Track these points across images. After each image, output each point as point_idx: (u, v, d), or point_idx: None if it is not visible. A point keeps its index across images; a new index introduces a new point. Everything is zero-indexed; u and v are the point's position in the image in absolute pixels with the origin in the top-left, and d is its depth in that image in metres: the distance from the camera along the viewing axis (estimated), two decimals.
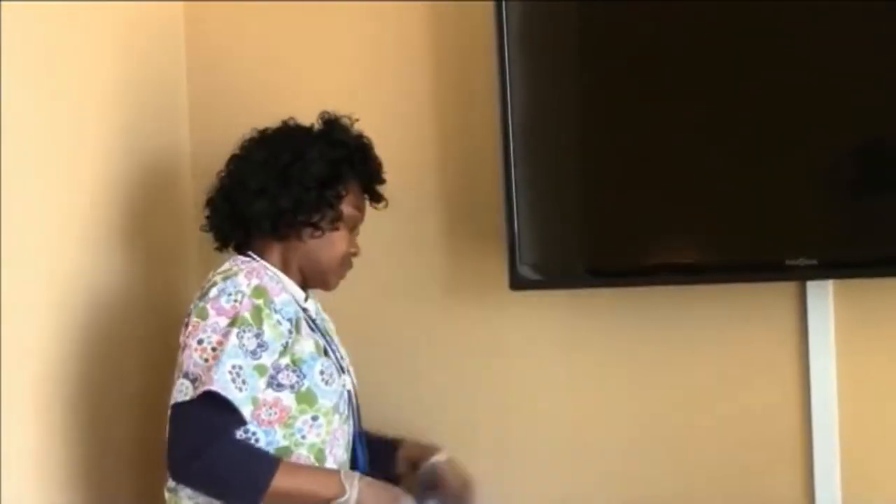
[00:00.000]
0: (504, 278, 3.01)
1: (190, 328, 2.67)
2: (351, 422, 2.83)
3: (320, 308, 2.92)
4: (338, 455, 2.78)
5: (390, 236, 3.07)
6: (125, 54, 3.11)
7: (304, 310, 2.81)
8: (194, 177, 3.27)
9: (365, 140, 2.87)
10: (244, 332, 2.64)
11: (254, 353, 2.64)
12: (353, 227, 2.85)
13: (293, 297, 2.78)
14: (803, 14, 2.79)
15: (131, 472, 3.04)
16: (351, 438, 2.83)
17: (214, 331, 2.64)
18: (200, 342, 2.64)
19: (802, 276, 2.89)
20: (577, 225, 3.01)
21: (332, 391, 2.75)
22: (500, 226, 3.00)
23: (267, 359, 2.66)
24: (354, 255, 2.86)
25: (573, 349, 3.13)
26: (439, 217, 3.18)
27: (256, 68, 3.28)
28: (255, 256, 2.79)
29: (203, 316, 2.67)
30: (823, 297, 2.93)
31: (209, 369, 2.59)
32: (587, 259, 3.03)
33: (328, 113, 2.86)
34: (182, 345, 2.69)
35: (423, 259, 3.19)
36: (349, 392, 2.82)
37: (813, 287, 2.94)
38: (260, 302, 2.68)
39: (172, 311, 3.13)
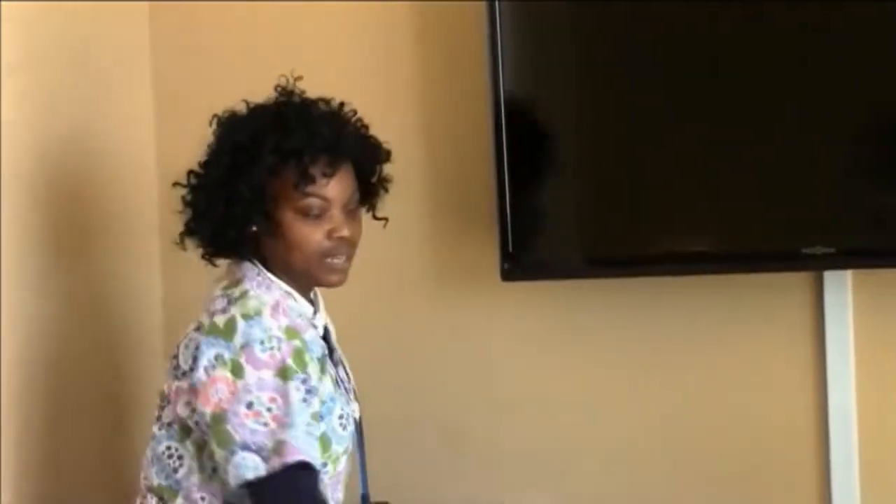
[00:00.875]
0: (495, 269, 2.96)
1: (221, 387, 2.39)
2: (358, 453, 2.62)
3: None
4: (338, 498, 2.57)
5: (376, 226, 2.92)
6: (89, 49, 3.10)
7: (314, 326, 2.56)
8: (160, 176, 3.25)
9: (272, 118, 2.50)
10: (297, 381, 2.40)
11: (306, 401, 2.41)
12: (320, 213, 2.50)
13: (309, 322, 2.54)
14: None
15: (96, 470, 3.02)
16: (355, 467, 2.64)
17: (261, 388, 2.38)
18: (250, 406, 2.38)
19: (819, 265, 2.83)
20: (573, 212, 2.98)
21: (346, 436, 2.53)
22: (491, 214, 2.96)
23: (317, 404, 2.45)
24: (343, 240, 2.51)
25: (569, 344, 3.08)
26: (427, 206, 3.14)
27: (235, 67, 3.22)
28: (258, 265, 2.53)
29: (239, 374, 2.39)
30: (841, 288, 2.88)
31: (284, 434, 2.37)
32: (584, 248, 2.99)
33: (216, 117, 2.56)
34: (177, 396, 2.44)
35: (411, 250, 3.15)
36: (356, 420, 2.62)
37: (830, 277, 2.88)
38: (297, 343, 2.44)
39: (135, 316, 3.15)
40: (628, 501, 3.04)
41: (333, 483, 2.52)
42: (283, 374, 2.39)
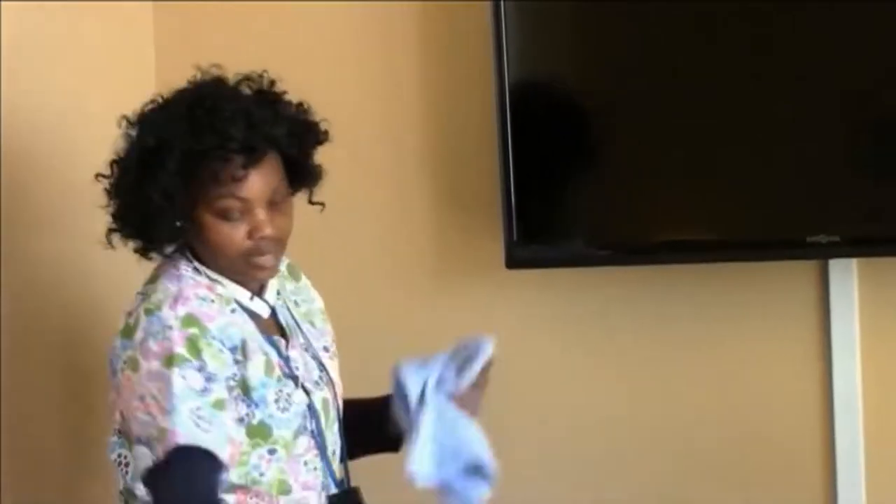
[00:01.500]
0: (500, 256, 2.95)
1: (122, 381, 2.35)
2: (316, 442, 2.48)
3: (299, 288, 2.60)
4: (307, 481, 2.47)
5: (376, 213, 2.99)
6: (93, 50, 3.09)
7: (254, 314, 2.45)
8: None
9: (181, 118, 2.37)
10: (187, 369, 2.32)
11: (204, 390, 2.32)
12: (241, 213, 2.37)
13: (236, 301, 2.43)
14: None
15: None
16: (334, 447, 2.53)
17: (150, 379, 2.32)
18: (142, 398, 2.33)
19: (824, 254, 2.82)
20: (578, 199, 2.96)
21: (291, 417, 2.43)
22: (496, 202, 2.93)
23: (220, 391, 2.34)
24: (265, 238, 2.39)
25: (574, 332, 3.08)
26: (432, 194, 3.11)
27: (238, 66, 3.06)
28: (186, 255, 2.44)
29: (135, 367, 2.34)
30: (847, 276, 2.87)
31: (165, 422, 2.30)
32: (589, 236, 2.98)
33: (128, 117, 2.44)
34: (114, 404, 2.38)
35: (415, 238, 3.13)
36: (323, 402, 2.50)
37: (835, 266, 2.87)
38: (194, 331, 2.35)
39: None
40: (632, 490, 3.03)
41: (293, 465, 2.43)
42: (168, 361, 2.32)
